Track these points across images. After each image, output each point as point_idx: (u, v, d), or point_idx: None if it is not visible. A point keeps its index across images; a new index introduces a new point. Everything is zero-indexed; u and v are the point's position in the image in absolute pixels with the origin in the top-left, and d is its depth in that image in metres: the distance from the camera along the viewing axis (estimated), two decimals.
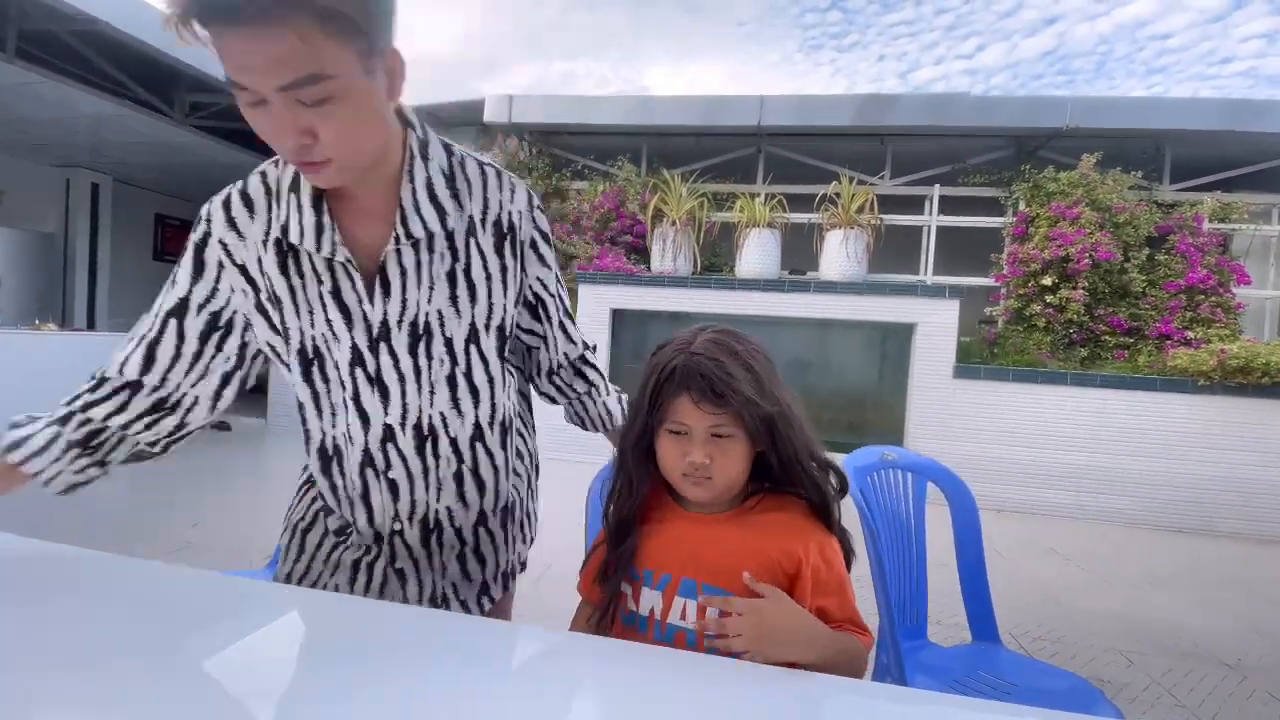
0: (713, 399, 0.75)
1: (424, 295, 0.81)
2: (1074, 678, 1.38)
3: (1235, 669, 2.34)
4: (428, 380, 0.83)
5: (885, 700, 0.66)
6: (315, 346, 0.81)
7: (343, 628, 0.70)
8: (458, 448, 0.86)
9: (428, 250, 0.81)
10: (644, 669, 0.66)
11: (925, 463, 1.58)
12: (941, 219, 5.57)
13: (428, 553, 0.90)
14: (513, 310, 0.88)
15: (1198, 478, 4.36)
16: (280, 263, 0.79)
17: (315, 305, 0.80)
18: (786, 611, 0.72)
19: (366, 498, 0.86)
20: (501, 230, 0.85)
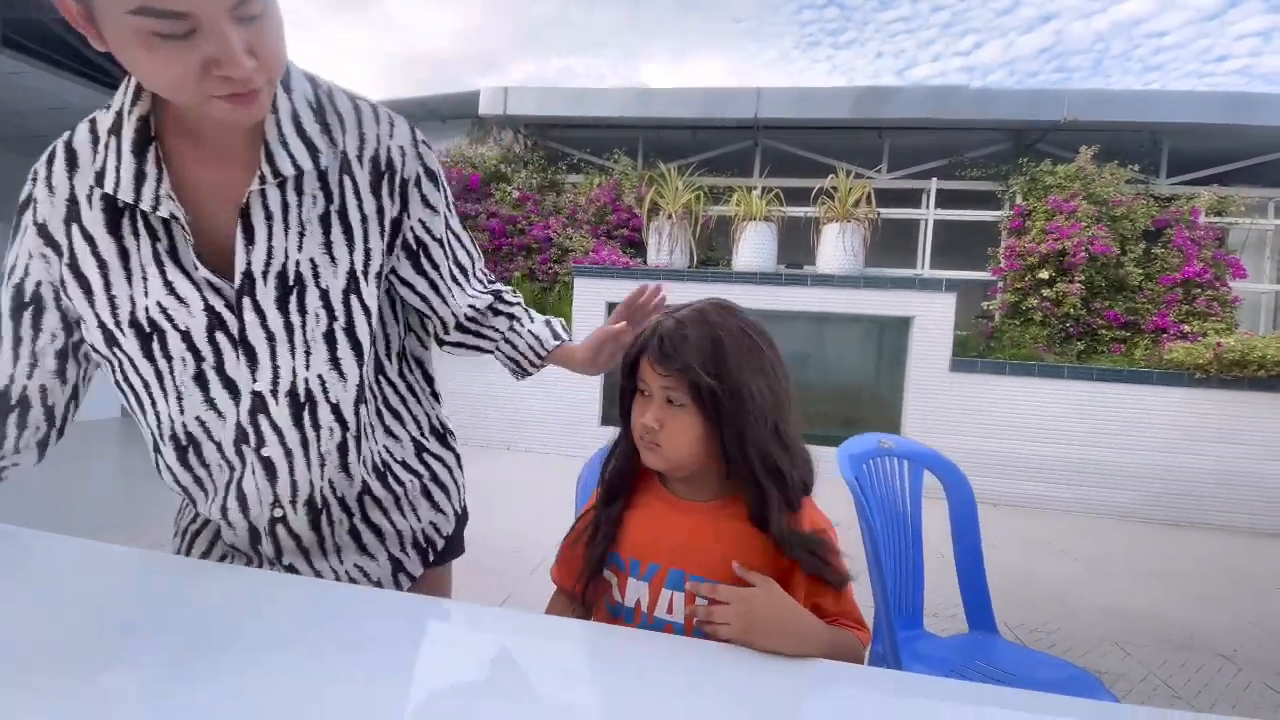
0: (661, 360, 0.74)
1: (293, 242, 0.71)
2: (1072, 667, 1.37)
3: (1231, 660, 2.34)
4: (302, 339, 0.72)
5: (880, 682, 0.64)
6: (151, 318, 0.69)
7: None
8: (340, 414, 0.75)
9: (296, 191, 0.71)
10: (630, 653, 0.64)
11: (922, 450, 1.56)
12: (938, 212, 5.56)
13: (318, 537, 0.80)
14: (390, 258, 0.79)
15: (1193, 471, 4.36)
16: (110, 221, 0.68)
17: (151, 268, 0.69)
18: (776, 601, 0.69)
19: (239, 483, 0.75)
20: (379, 167, 0.76)
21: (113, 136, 0.67)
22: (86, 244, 0.69)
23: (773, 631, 0.66)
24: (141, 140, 0.66)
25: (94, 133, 0.69)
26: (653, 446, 0.77)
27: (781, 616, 0.68)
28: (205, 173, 0.69)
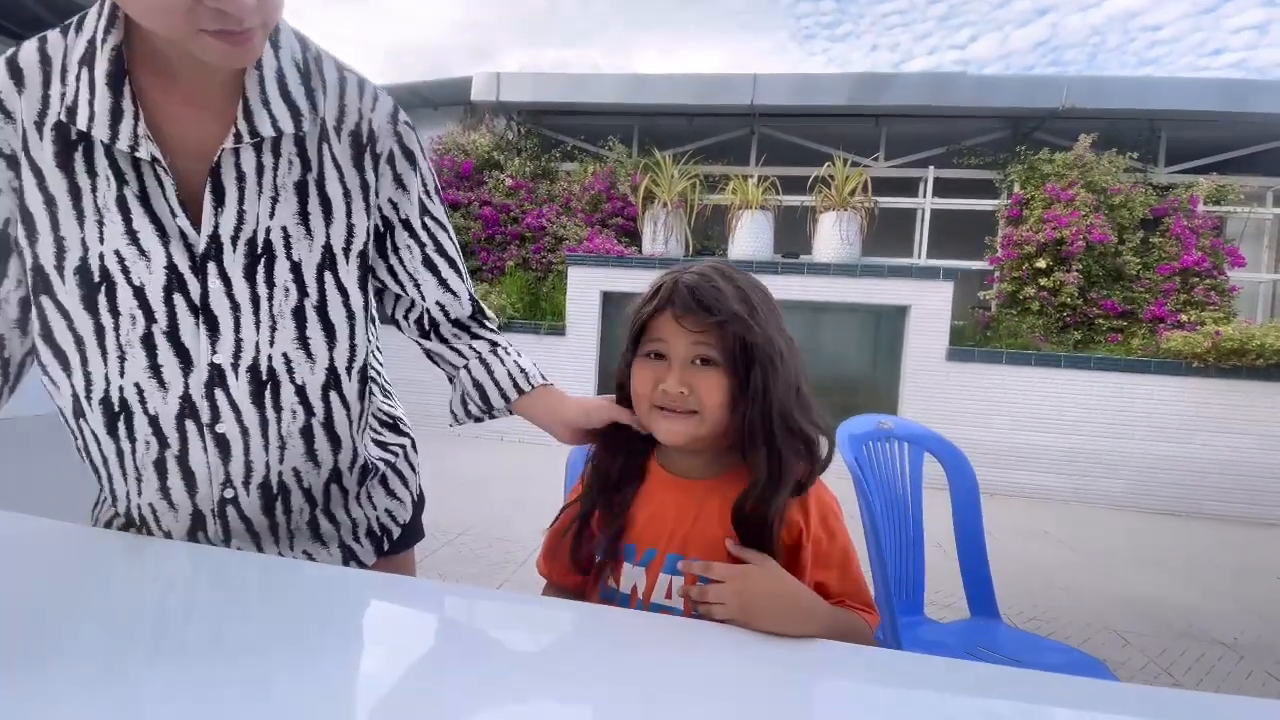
0: (697, 311, 0.67)
1: (265, 208, 0.66)
2: (1075, 652, 1.33)
3: (1232, 648, 2.31)
4: (268, 313, 0.67)
5: (882, 662, 0.59)
6: (104, 266, 0.63)
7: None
8: (306, 398, 0.70)
9: (272, 154, 0.66)
10: (622, 633, 0.59)
11: (923, 432, 1.52)
12: (936, 201, 5.51)
13: (271, 522, 0.74)
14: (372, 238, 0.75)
15: (1191, 460, 4.35)
16: (60, 154, 0.62)
17: (111, 213, 0.63)
18: (775, 580, 0.65)
19: (185, 460, 0.68)
20: (360, 142, 0.71)
21: (84, 68, 0.60)
22: (34, 177, 0.62)
23: (771, 610, 0.62)
24: (117, 73, 0.60)
25: (45, 53, 0.62)
26: (673, 415, 0.70)
27: (780, 595, 0.63)
28: (175, 118, 0.64)
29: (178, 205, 0.63)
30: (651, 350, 0.72)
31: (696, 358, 0.70)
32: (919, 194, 5.62)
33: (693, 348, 0.69)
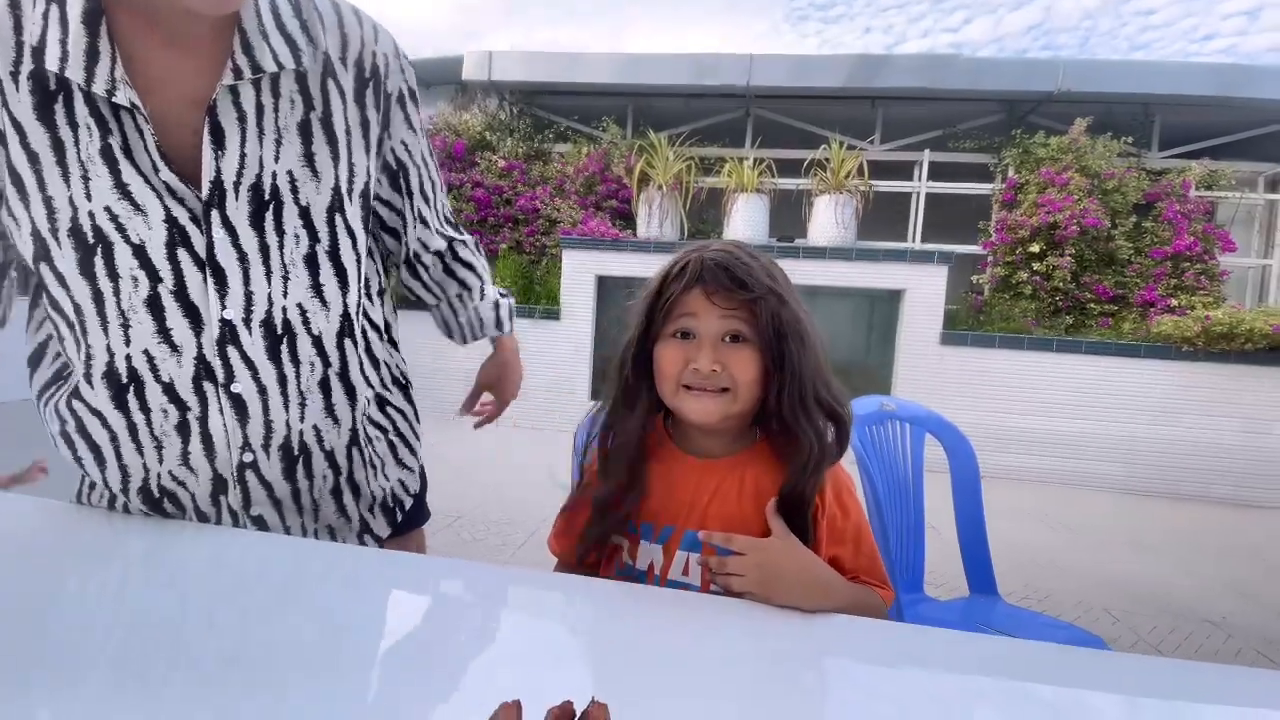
0: (731, 287, 0.66)
1: (269, 151, 0.62)
2: (1074, 629, 1.35)
3: (1220, 626, 2.35)
4: (279, 262, 0.63)
5: (888, 634, 0.59)
6: (96, 226, 0.58)
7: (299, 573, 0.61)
8: (322, 347, 0.67)
9: (272, 93, 0.62)
10: (638, 608, 0.58)
11: (924, 414, 1.52)
12: (931, 185, 5.50)
13: (293, 489, 0.70)
14: (375, 174, 0.71)
15: (1180, 443, 4.40)
16: (40, 105, 0.57)
17: (97, 165, 0.58)
18: (794, 554, 0.65)
19: (205, 423, 0.64)
20: (364, 74, 0.68)
21: (53, 4, 0.56)
22: (16, 134, 0.58)
23: (789, 584, 0.61)
24: (93, 11, 0.56)
25: (13, 3, 0.57)
26: (704, 394, 0.68)
27: (799, 570, 0.63)
28: (160, 59, 0.59)
29: (159, 158, 0.58)
30: (679, 329, 0.70)
31: (727, 334, 0.69)
32: (914, 178, 5.61)
33: (724, 324, 0.68)
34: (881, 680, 0.52)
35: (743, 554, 0.63)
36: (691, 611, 0.60)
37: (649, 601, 0.62)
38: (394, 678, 0.45)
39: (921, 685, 0.51)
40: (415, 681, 0.44)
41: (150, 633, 0.48)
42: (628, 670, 0.49)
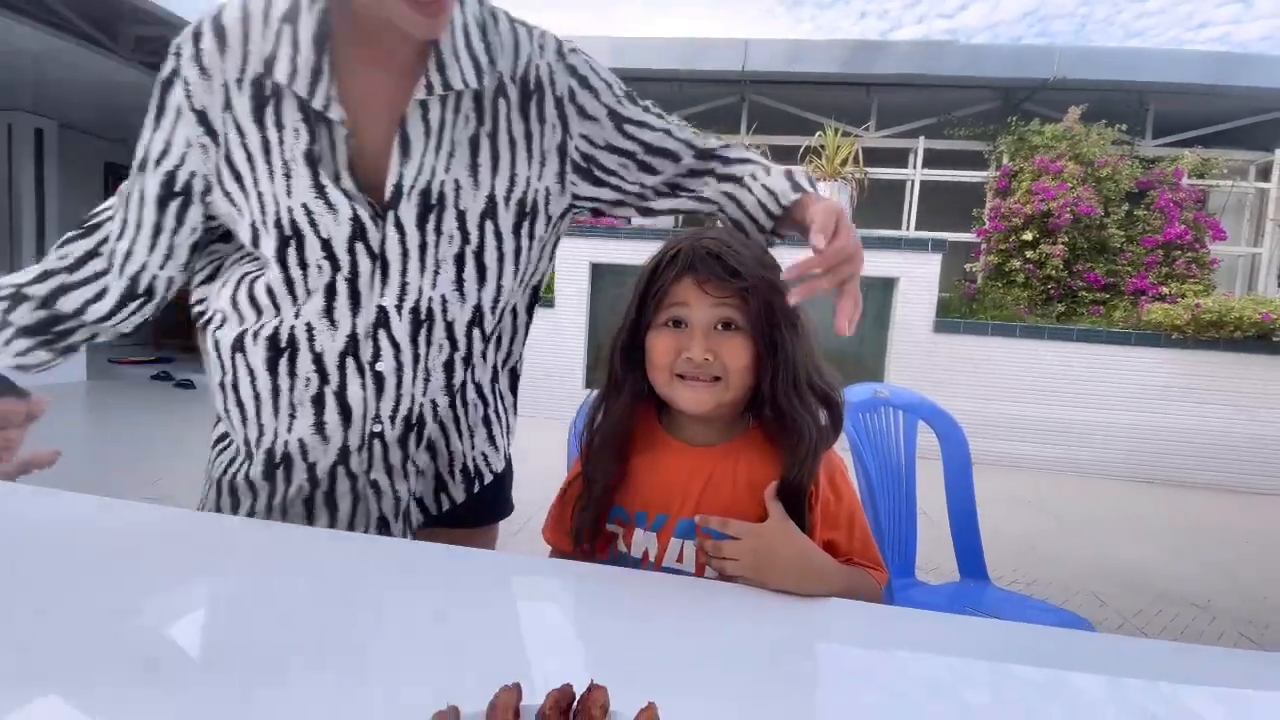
0: (723, 275, 0.66)
1: (443, 161, 0.70)
2: (1061, 612, 1.37)
3: (1205, 610, 2.40)
4: (433, 258, 0.71)
5: (879, 617, 0.60)
6: (294, 220, 0.66)
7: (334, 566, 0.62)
8: (453, 333, 0.74)
9: (454, 109, 0.70)
10: (633, 593, 0.59)
11: (917, 401, 1.53)
12: (925, 172, 5.50)
13: (404, 455, 0.76)
14: (540, 185, 0.76)
15: (1168, 429, 4.45)
16: (256, 109, 0.65)
17: (299, 165, 0.66)
18: (789, 539, 0.65)
19: (343, 395, 0.71)
20: (529, 88, 0.74)
21: (287, 25, 0.64)
22: (237, 135, 0.66)
23: (783, 569, 0.62)
24: (321, 35, 0.64)
25: (247, 10, 0.65)
26: (697, 384, 0.69)
27: (793, 555, 0.64)
28: (364, 76, 0.67)
29: (346, 170, 0.67)
30: (670, 318, 0.70)
31: (719, 322, 0.69)
32: (909, 165, 5.60)
33: (716, 312, 0.68)
34: (873, 663, 0.53)
35: (738, 538, 0.64)
36: (689, 595, 0.61)
37: (647, 586, 0.62)
38: (393, 663, 0.45)
39: (912, 668, 0.52)
40: (415, 666, 0.45)
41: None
42: (626, 653, 0.50)
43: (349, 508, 0.75)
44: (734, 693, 0.45)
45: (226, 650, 0.46)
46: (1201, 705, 0.48)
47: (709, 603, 0.60)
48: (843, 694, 0.48)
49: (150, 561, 0.59)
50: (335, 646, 0.47)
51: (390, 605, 0.55)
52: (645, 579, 0.64)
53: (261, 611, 0.52)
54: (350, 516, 0.75)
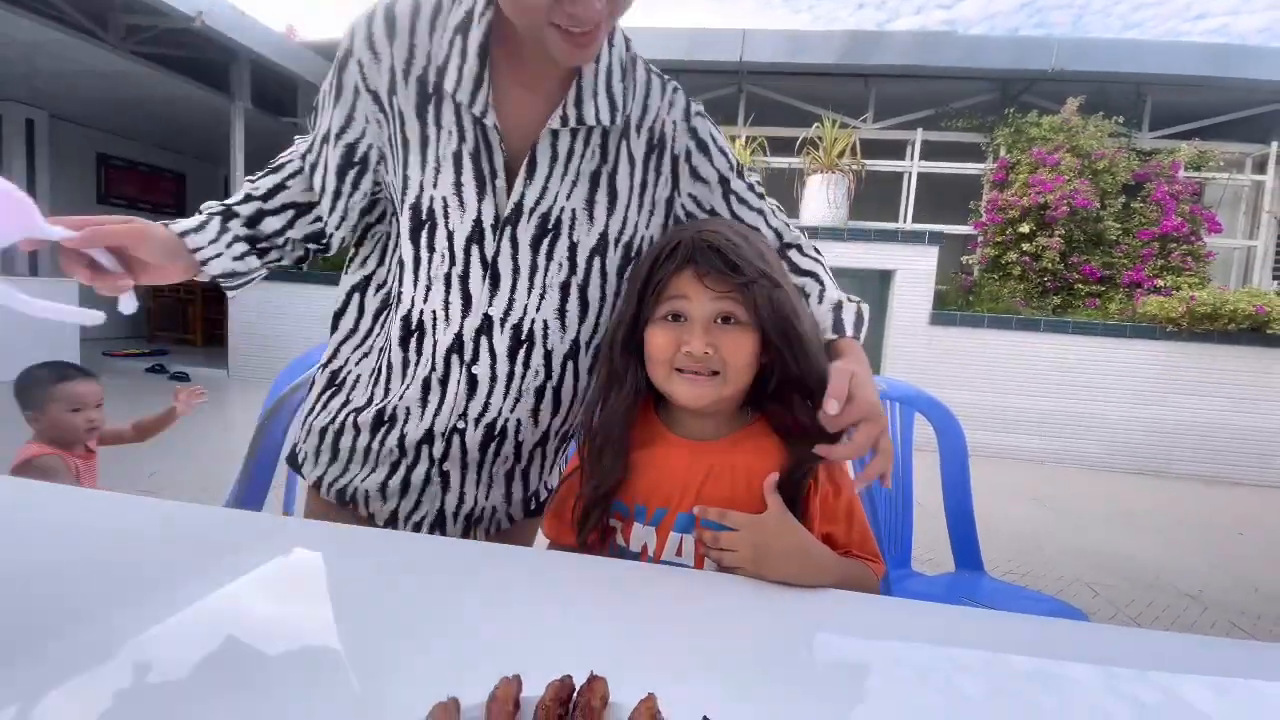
0: (723, 269, 0.66)
1: (565, 189, 0.74)
2: (1055, 602, 1.38)
3: (1197, 600, 2.42)
4: (541, 281, 0.75)
5: (877, 608, 0.61)
6: (431, 208, 0.72)
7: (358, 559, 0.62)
8: (550, 362, 0.78)
9: (583, 142, 0.74)
10: (631, 585, 0.60)
11: (914, 393, 1.53)
12: (923, 165, 5.49)
13: (481, 459, 0.80)
14: (646, 233, 0.80)
15: (1162, 421, 4.48)
16: (420, 105, 0.71)
17: (446, 163, 0.71)
18: (787, 531, 0.65)
19: (444, 384, 0.76)
20: (653, 141, 0.78)
21: (459, 35, 0.69)
22: (398, 120, 0.72)
23: (781, 561, 0.62)
24: (484, 46, 0.69)
25: (416, 8, 0.70)
26: (696, 378, 0.68)
27: (791, 547, 0.64)
28: (511, 95, 0.72)
29: (502, 171, 0.72)
30: (670, 311, 0.70)
31: (719, 316, 0.68)
32: (906, 157, 5.59)
33: (716, 306, 0.68)
34: (869, 653, 0.54)
35: (736, 530, 0.64)
36: (687, 587, 0.61)
37: (645, 578, 0.63)
38: (395, 654, 0.46)
39: (908, 657, 0.52)
40: (415, 658, 0.45)
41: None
42: (625, 644, 0.50)
43: (418, 488, 0.80)
44: (732, 683, 0.46)
45: (224, 648, 0.46)
46: (1193, 694, 0.49)
47: (707, 594, 0.60)
48: (840, 683, 0.48)
49: (145, 555, 0.59)
50: (334, 639, 0.48)
51: (390, 598, 0.55)
52: (644, 571, 0.65)
53: (257, 605, 0.52)
54: (418, 495, 0.80)
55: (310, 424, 0.84)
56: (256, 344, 5.47)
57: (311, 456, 0.83)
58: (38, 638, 0.44)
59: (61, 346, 5.22)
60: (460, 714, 0.35)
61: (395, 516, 0.81)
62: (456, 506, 0.81)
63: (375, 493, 0.80)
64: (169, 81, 5.56)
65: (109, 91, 6.02)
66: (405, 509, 0.81)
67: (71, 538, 0.61)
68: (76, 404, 1.60)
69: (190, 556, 0.59)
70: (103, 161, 7.61)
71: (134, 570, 0.56)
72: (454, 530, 0.83)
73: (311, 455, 0.83)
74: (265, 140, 6.55)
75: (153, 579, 0.54)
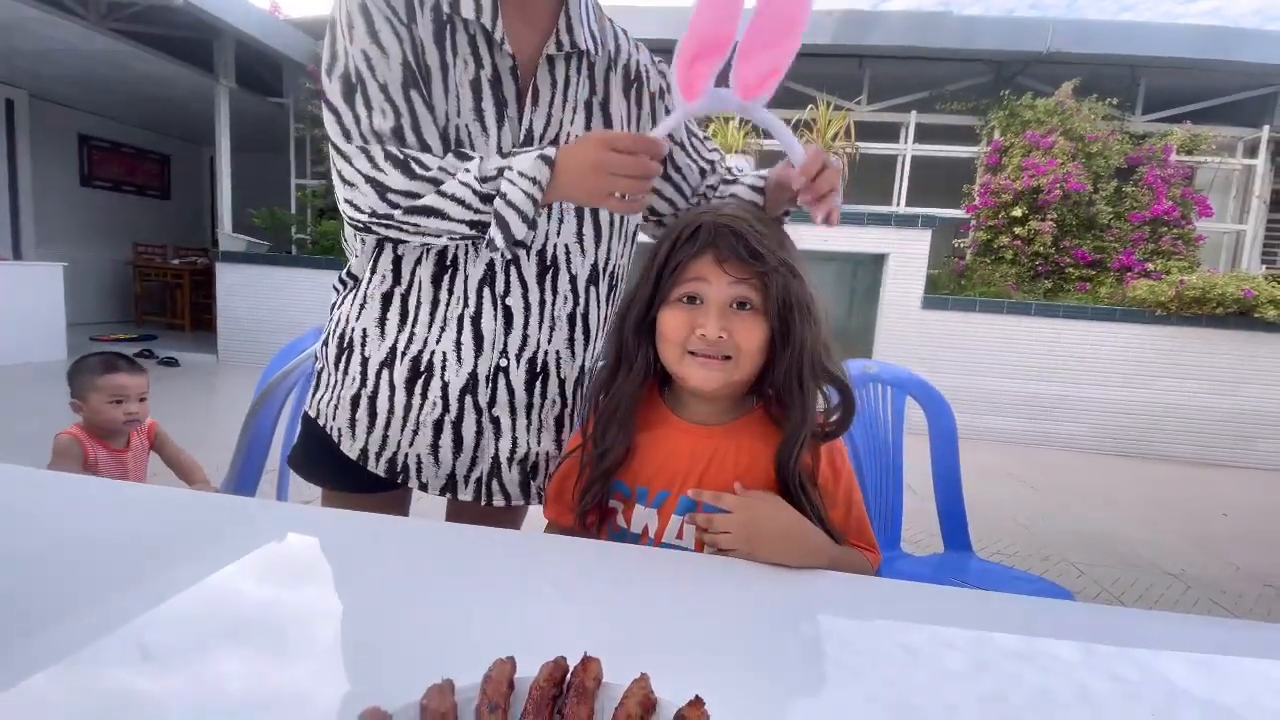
0: (744, 256, 0.66)
1: (568, 117, 0.79)
2: (1042, 581, 1.41)
3: (1179, 579, 2.47)
4: (558, 208, 0.79)
5: (867, 588, 0.62)
6: (458, 136, 0.75)
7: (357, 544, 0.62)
8: (575, 286, 0.82)
9: (576, 70, 0.79)
10: (627, 568, 0.60)
11: (906, 377, 1.54)
12: (917, 148, 5.47)
13: (529, 400, 0.82)
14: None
15: (1149, 404, 4.53)
16: (437, 32, 0.73)
17: (464, 90, 0.74)
18: (780, 513, 0.66)
19: (478, 321, 0.78)
20: (630, 77, 0.84)
21: None
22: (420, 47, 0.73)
23: (775, 542, 0.63)
24: None
25: None
26: (708, 361, 0.68)
27: (785, 528, 0.65)
28: (511, 26, 0.75)
29: (514, 99, 0.75)
30: (686, 294, 0.69)
31: (735, 302, 0.68)
32: (900, 140, 5.56)
33: (733, 291, 0.67)
34: (859, 632, 0.55)
35: (730, 512, 0.65)
36: (680, 570, 0.62)
37: (639, 561, 0.64)
38: (390, 636, 0.46)
39: (898, 637, 0.53)
40: (411, 640, 0.46)
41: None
42: (619, 626, 0.51)
43: (471, 441, 0.81)
44: (725, 662, 0.46)
45: (219, 633, 0.46)
46: (1174, 670, 0.50)
47: (699, 577, 0.61)
48: (831, 663, 0.49)
49: (137, 541, 0.59)
50: (329, 622, 0.48)
51: (384, 581, 0.55)
52: (637, 554, 0.66)
53: (251, 590, 0.52)
54: (473, 449, 0.81)
55: (339, 397, 0.83)
56: (246, 329, 5.42)
57: (347, 430, 0.82)
58: (35, 623, 0.44)
59: (48, 331, 5.16)
60: (455, 694, 0.36)
61: (454, 478, 0.82)
62: (510, 452, 0.82)
63: (428, 456, 0.80)
64: (151, 60, 5.44)
65: (90, 70, 5.89)
66: (462, 468, 0.81)
67: (62, 525, 0.61)
68: (118, 395, 1.64)
69: (183, 542, 0.59)
70: (85, 142, 7.45)
71: (125, 556, 0.56)
72: (510, 478, 0.83)
73: (346, 428, 0.82)
74: (250, 120, 6.45)
75: (145, 565, 0.54)
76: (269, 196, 6.06)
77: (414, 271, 0.79)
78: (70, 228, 7.21)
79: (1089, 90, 5.12)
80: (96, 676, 0.40)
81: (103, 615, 0.46)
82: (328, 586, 0.54)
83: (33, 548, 0.56)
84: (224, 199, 5.70)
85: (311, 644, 0.45)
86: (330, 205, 5.72)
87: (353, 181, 0.70)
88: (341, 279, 0.87)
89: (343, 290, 0.87)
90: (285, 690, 0.40)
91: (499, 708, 0.35)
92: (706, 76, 0.69)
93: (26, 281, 5.10)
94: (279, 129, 6.27)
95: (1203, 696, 0.46)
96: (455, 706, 0.35)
